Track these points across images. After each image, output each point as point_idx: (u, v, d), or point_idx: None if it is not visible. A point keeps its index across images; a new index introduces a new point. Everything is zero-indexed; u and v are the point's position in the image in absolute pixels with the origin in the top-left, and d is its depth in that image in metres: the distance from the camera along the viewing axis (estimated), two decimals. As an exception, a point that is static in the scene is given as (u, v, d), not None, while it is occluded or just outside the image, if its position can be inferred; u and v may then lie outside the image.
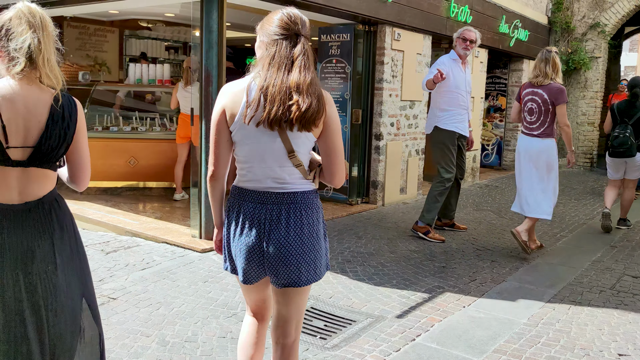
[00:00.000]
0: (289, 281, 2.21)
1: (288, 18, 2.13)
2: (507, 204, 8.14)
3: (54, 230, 2.09)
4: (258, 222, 2.18)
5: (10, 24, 1.97)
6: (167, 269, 4.70)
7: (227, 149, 2.22)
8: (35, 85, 2.00)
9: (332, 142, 2.20)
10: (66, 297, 2.13)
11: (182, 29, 10.79)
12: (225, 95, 2.18)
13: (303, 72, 2.06)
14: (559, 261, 5.37)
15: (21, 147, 1.98)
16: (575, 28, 12.21)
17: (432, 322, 3.83)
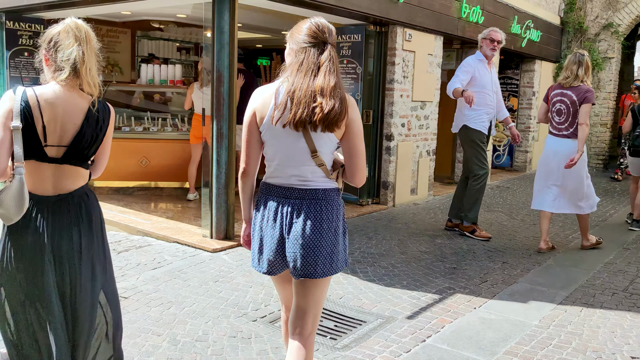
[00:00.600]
0: (306, 272, 2.31)
1: (316, 27, 2.28)
2: (518, 205, 8.10)
3: (81, 222, 2.32)
4: (281, 215, 2.32)
5: (58, 37, 2.23)
6: (178, 268, 4.72)
7: (257, 148, 2.38)
8: (75, 91, 2.26)
9: (354, 144, 2.32)
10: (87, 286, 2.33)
11: (194, 29, 10.83)
12: (256, 98, 2.34)
13: (328, 77, 2.20)
14: (571, 263, 5.33)
15: (57, 146, 2.23)
16: (588, 28, 12.12)
17: (443, 323, 3.82)
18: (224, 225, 5.51)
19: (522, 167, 11.69)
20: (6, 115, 2.17)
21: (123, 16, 9.20)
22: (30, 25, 7.07)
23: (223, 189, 5.48)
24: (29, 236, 2.24)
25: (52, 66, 2.25)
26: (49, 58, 2.26)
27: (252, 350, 3.33)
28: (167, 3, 6.86)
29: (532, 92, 11.44)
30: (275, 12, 6.55)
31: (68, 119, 2.24)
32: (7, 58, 6.90)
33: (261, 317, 3.81)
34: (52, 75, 2.26)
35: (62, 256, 2.27)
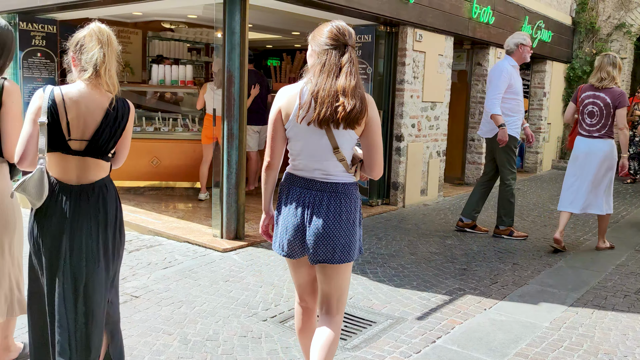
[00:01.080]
0: (324, 258, 2.48)
1: (337, 30, 2.42)
2: (528, 206, 8.07)
3: (99, 212, 2.51)
4: (303, 204, 2.49)
5: (83, 40, 2.45)
6: (188, 268, 4.75)
7: (281, 144, 2.53)
8: (97, 90, 2.45)
9: (373, 140, 2.49)
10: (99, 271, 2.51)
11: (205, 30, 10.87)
12: (281, 97, 2.49)
13: (349, 78, 2.36)
14: (582, 265, 5.30)
15: (79, 140, 2.44)
16: (600, 29, 12.04)
17: (453, 324, 3.81)
18: (234, 225, 5.53)
19: (532, 168, 11.63)
20: (36, 112, 2.40)
21: (134, 17, 9.26)
22: (43, 26, 7.13)
23: (233, 189, 5.50)
24: (54, 219, 2.45)
25: (78, 66, 2.47)
26: (75, 59, 2.47)
27: (262, 350, 3.34)
28: (178, 4, 6.89)
29: (543, 93, 11.38)
30: (286, 13, 6.56)
31: (89, 116, 2.43)
32: (21, 58, 6.96)
33: (271, 317, 3.82)
34: (78, 75, 2.47)
35: (81, 239, 2.46)
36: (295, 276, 2.72)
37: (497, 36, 9.02)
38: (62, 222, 2.45)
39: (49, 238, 2.46)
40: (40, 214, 2.47)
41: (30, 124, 2.40)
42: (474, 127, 9.45)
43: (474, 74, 9.40)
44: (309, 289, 2.73)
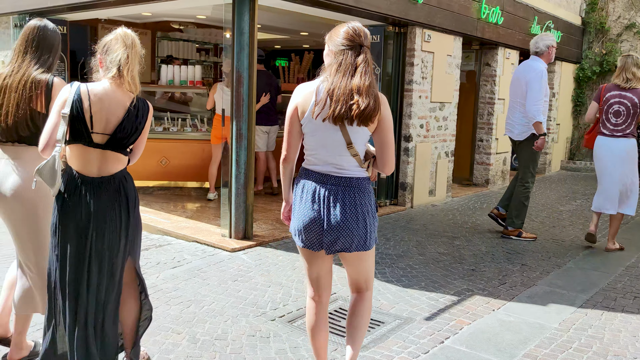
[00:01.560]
0: (342, 247, 2.62)
1: (353, 31, 2.52)
2: (537, 207, 8.04)
3: (121, 201, 2.69)
4: (318, 198, 2.59)
5: (110, 43, 2.64)
6: (197, 267, 4.76)
7: (297, 139, 2.66)
8: (119, 88, 2.63)
9: (385, 137, 2.61)
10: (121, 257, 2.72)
11: (214, 30, 10.91)
12: (298, 95, 2.61)
13: (364, 77, 2.46)
14: (591, 266, 5.28)
15: (101, 134, 2.60)
16: (610, 29, 11.98)
17: (461, 324, 3.81)
18: (242, 225, 5.55)
19: (541, 169, 11.58)
20: (62, 104, 2.57)
21: (144, 17, 9.29)
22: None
23: (242, 188, 5.51)
24: (78, 210, 2.61)
25: (104, 66, 2.66)
26: (102, 60, 2.67)
27: (270, 350, 3.35)
28: (188, 4, 6.91)
29: (552, 93, 11.33)
30: (294, 13, 6.57)
31: (112, 112, 2.61)
32: (31, 59, 7.01)
33: (279, 316, 3.83)
34: (103, 75, 2.66)
35: (105, 228, 2.64)
36: (312, 269, 2.77)
37: (506, 36, 9.00)
38: (87, 212, 2.61)
39: (73, 229, 2.61)
40: (64, 206, 2.62)
41: (55, 116, 2.56)
42: (482, 127, 9.42)
43: (483, 75, 9.37)
44: (325, 282, 2.80)
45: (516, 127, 6.08)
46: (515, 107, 6.06)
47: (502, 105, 9.49)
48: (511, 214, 6.16)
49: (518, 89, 5.99)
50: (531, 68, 5.91)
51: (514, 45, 9.38)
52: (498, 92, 9.30)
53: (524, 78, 5.89)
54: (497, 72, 9.22)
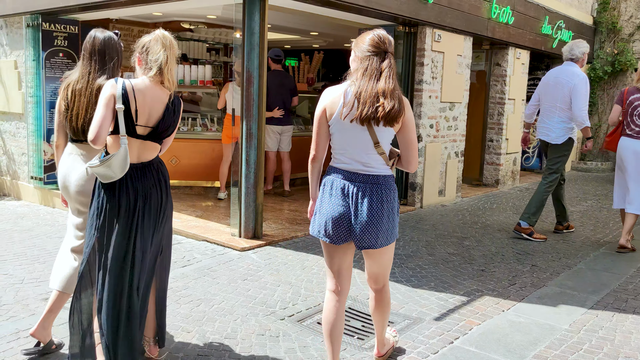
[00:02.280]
0: (369, 244, 2.77)
1: (378, 38, 2.69)
2: (547, 207, 7.98)
3: (161, 182, 2.98)
4: (347, 194, 2.75)
5: (149, 44, 2.86)
6: (207, 266, 4.78)
7: (325, 139, 2.83)
8: (158, 86, 2.87)
9: (409, 136, 2.80)
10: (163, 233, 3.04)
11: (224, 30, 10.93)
12: (326, 98, 2.78)
13: (388, 81, 2.64)
14: (602, 267, 5.25)
15: (143, 126, 2.86)
16: (622, 28, 11.89)
17: (471, 325, 3.80)
18: (252, 224, 5.56)
19: (552, 170, 11.52)
20: (109, 98, 2.76)
21: (154, 17, 9.34)
22: (65, 26, 7.22)
23: (252, 188, 5.53)
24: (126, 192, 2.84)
25: (142, 65, 2.89)
26: (141, 59, 2.89)
27: (280, 349, 3.36)
28: (198, 4, 6.94)
29: (563, 94, 11.26)
30: (304, 13, 6.58)
31: (153, 106, 2.85)
32: (43, 59, 7.06)
33: (289, 315, 3.84)
34: (142, 72, 2.89)
35: (151, 209, 2.91)
36: (334, 262, 2.90)
37: (517, 36, 8.96)
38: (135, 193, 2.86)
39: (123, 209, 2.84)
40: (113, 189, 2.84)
41: (104, 109, 2.75)
42: (492, 127, 9.39)
43: (493, 74, 9.34)
44: (346, 275, 2.93)
45: (554, 130, 6.15)
46: (553, 112, 6.14)
47: (512, 106, 9.46)
48: (530, 210, 6.16)
49: (558, 94, 6.06)
50: (575, 74, 6.02)
51: (525, 45, 9.34)
52: (508, 92, 9.26)
53: (568, 83, 5.99)
54: (507, 72, 9.18)
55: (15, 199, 7.78)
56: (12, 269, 4.66)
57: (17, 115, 7.69)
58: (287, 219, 6.47)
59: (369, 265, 2.98)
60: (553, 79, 6.15)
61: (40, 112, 7.17)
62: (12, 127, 7.84)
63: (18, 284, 4.30)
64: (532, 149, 11.67)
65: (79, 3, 6.46)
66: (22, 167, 7.73)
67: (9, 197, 7.91)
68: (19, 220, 6.49)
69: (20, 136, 7.69)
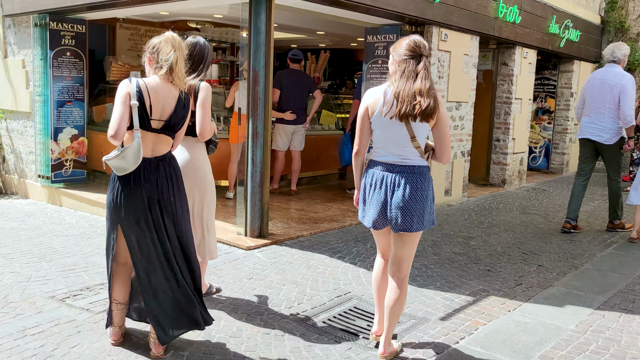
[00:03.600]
0: (404, 228, 3.07)
1: (414, 43, 3.02)
2: (554, 207, 7.97)
3: (173, 176, 3.19)
4: (385, 184, 3.08)
5: (159, 45, 3.08)
6: (213, 265, 4.79)
7: (367, 135, 3.16)
8: (169, 84, 3.10)
9: (443, 132, 3.08)
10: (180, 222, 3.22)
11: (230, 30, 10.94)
12: (368, 98, 3.11)
13: (424, 82, 2.95)
14: (609, 267, 5.22)
15: (157, 120, 3.09)
16: (630, 28, 11.83)
17: (477, 325, 3.79)
18: (258, 223, 5.57)
19: (558, 170, 11.48)
20: (124, 96, 2.99)
21: (161, 16, 9.36)
22: (72, 25, 7.25)
23: (258, 187, 5.53)
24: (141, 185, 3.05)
25: (153, 65, 3.12)
26: (152, 59, 3.12)
27: (285, 348, 3.36)
28: (205, 3, 6.95)
29: (570, 93, 11.22)
30: (311, 13, 6.58)
31: (165, 102, 3.08)
32: (51, 58, 7.09)
33: (294, 314, 3.84)
34: (153, 71, 3.12)
35: (166, 200, 3.13)
36: (380, 242, 3.36)
37: (524, 36, 8.92)
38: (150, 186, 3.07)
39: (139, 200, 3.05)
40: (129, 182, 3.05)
41: (121, 106, 2.97)
42: (499, 127, 9.36)
43: (500, 74, 9.31)
44: (389, 249, 3.32)
45: (607, 131, 6.31)
46: (603, 113, 6.30)
47: (519, 105, 9.42)
48: (615, 208, 6.52)
49: (607, 95, 6.23)
50: (622, 75, 6.23)
51: (532, 45, 9.30)
52: (515, 91, 9.23)
53: (617, 84, 6.18)
54: (514, 71, 9.15)
55: (22, 197, 7.82)
56: (19, 266, 4.69)
57: (25, 114, 7.73)
58: (293, 218, 6.47)
59: (396, 250, 3.19)
60: (599, 82, 6.33)
61: (47, 111, 7.20)
62: (19, 126, 7.88)
63: (25, 282, 4.32)
64: (538, 148, 11.62)
65: (86, 2, 6.49)
66: (29, 166, 7.77)
67: (16, 195, 7.95)
68: (26, 218, 6.52)
69: (28, 135, 7.73)
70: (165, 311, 3.16)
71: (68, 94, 7.31)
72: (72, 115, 7.39)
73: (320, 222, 6.34)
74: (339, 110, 9.75)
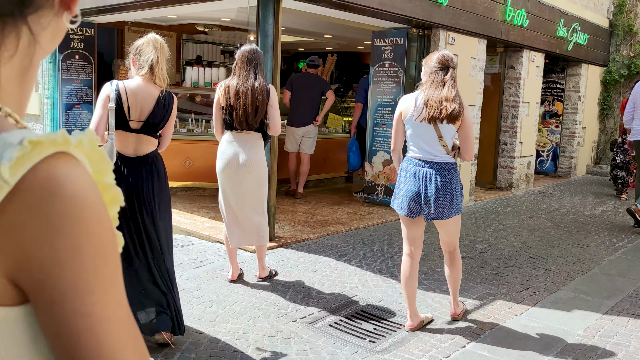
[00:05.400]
0: (436, 216, 3.53)
1: (443, 57, 3.51)
2: (562, 211, 7.94)
3: (155, 174, 3.26)
4: (418, 177, 3.54)
5: (142, 46, 3.20)
6: (219, 267, 4.80)
7: (401, 136, 3.66)
8: (150, 83, 3.21)
9: (467, 133, 3.55)
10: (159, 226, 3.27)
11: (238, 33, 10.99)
12: (402, 104, 3.62)
13: (450, 90, 3.44)
14: (617, 272, 5.20)
15: (136, 121, 3.19)
16: (638, 31, 11.77)
17: (483, 329, 3.78)
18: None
19: (566, 173, 11.44)
20: (105, 99, 3.15)
21: (169, 20, 9.41)
22: (81, 29, 7.30)
23: (264, 190, 5.53)
24: (121, 185, 3.09)
25: (136, 65, 3.23)
26: (135, 60, 3.22)
27: (291, 351, 3.36)
28: (213, 7, 6.98)
29: (578, 97, 11.18)
30: (318, 16, 6.59)
31: (145, 102, 3.18)
32: (59, 61, 7.14)
33: (301, 317, 3.84)
34: (136, 72, 3.22)
35: (145, 198, 3.20)
36: (410, 232, 3.69)
37: (531, 39, 8.90)
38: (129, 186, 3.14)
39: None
40: None
41: (100, 109, 3.13)
42: (506, 130, 9.34)
43: (507, 77, 9.29)
44: (418, 242, 3.70)
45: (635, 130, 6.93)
46: None
47: (526, 109, 9.40)
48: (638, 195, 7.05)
49: None
50: None
51: (540, 48, 9.28)
52: (522, 95, 9.21)
53: None
54: (521, 75, 9.13)
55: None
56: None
57: (34, 117, 7.78)
58: (300, 221, 6.48)
59: (440, 234, 3.76)
60: None
61: (56, 114, 7.25)
62: (28, 129, 7.93)
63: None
64: (546, 152, 11.58)
65: (95, 6, 6.53)
66: (38, 168, 7.81)
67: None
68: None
69: (37, 137, 7.77)
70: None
71: (77, 97, 7.36)
72: (80, 118, 7.43)
73: (327, 225, 6.34)
74: (345, 113, 9.75)
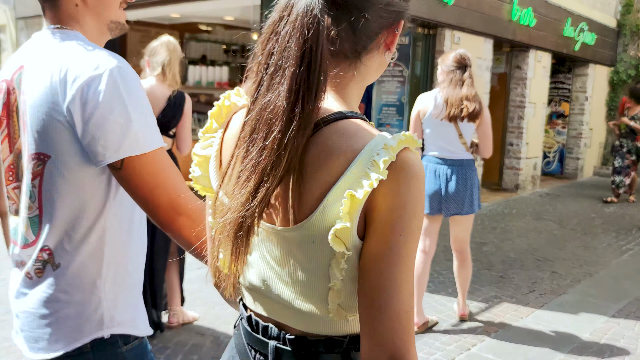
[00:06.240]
0: (456, 212, 3.64)
1: (459, 56, 3.54)
2: (568, 213, 7.87)
3: None
4: (439, 174, 3.63)
5: (156, 48, 3.34)
6: (221, 268, 4.76)
7: (419, 134, 3.66)
8: (162, 84, 3.33)
9: (485, 130, 3.62)
10: None
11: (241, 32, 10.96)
12: (420, 103, 3.68)
13: (469, 89, 3.50)
14: (624, 275, 5.13)
15: None
16: (645, 31, 11.69)
17: (489, 332, 3.73)
18: (267, 226, 5.53)
19: (572, 174, 11.35)
20: None
21: (172, 19, 9.38)
22: (84, 27, 7.27)
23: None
24: None
25: (150, 66, 3.37)
26: (149, 62, 3.38)
27: (293, 353, 3.31)
28: (216, 6, 6.95)
29: (585, 97, 11.10)
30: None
31: (156, 101, 3.29)
32: (62, 60, 7.12)
33: (303, 319, 3.79)
34: (150, 73, 3.37)
35: None
36: (427, 227, 3.73)
37: (538, 39, 8.83)
38: None
39: None
40: None
41: None
42: (512, 131, 9.27)
43: (513, 77, 9.22)
44: (433, 238, 3.77)
45: None
46: None
47: (532, 109, 9.33)
48: None
49: None
50: None
51: (546, 48, 9.21)
52: (529, 95, 9.14)
53: None
54: (528, 75, 9.06)
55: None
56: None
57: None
58: (303, 221, 6.43)
59: (454, 231, 3.77)
60: None
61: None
62: (31, 128, 7.91)
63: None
64: (552, 153, 11.50)
65: (98, 4, 6.51)
66: (41, 167, 7.79)
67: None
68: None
69: (40, 136, 7.76)
70: None
71: (80, 96, 7.33)
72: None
73: (331, 226, 6.29)
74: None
